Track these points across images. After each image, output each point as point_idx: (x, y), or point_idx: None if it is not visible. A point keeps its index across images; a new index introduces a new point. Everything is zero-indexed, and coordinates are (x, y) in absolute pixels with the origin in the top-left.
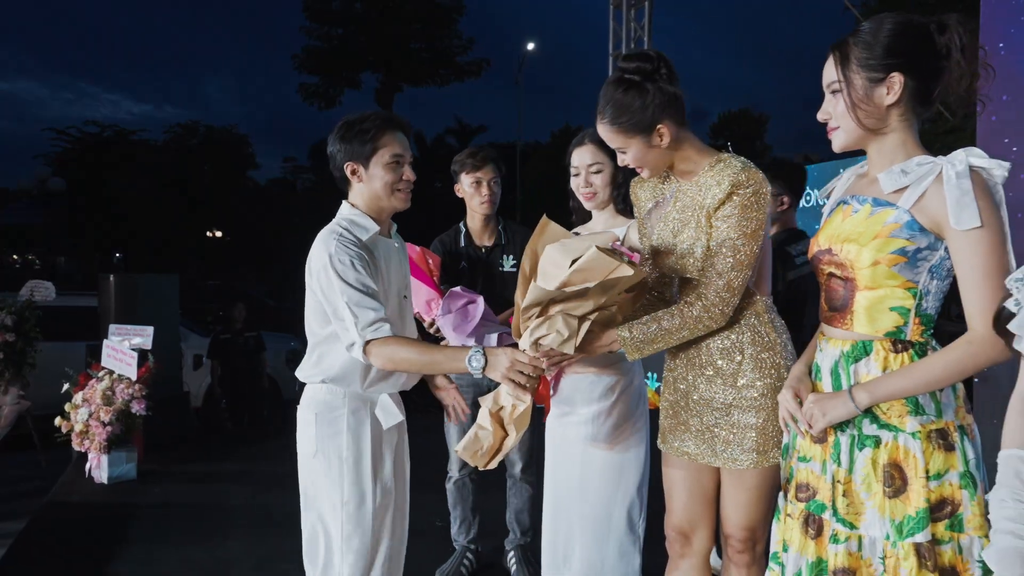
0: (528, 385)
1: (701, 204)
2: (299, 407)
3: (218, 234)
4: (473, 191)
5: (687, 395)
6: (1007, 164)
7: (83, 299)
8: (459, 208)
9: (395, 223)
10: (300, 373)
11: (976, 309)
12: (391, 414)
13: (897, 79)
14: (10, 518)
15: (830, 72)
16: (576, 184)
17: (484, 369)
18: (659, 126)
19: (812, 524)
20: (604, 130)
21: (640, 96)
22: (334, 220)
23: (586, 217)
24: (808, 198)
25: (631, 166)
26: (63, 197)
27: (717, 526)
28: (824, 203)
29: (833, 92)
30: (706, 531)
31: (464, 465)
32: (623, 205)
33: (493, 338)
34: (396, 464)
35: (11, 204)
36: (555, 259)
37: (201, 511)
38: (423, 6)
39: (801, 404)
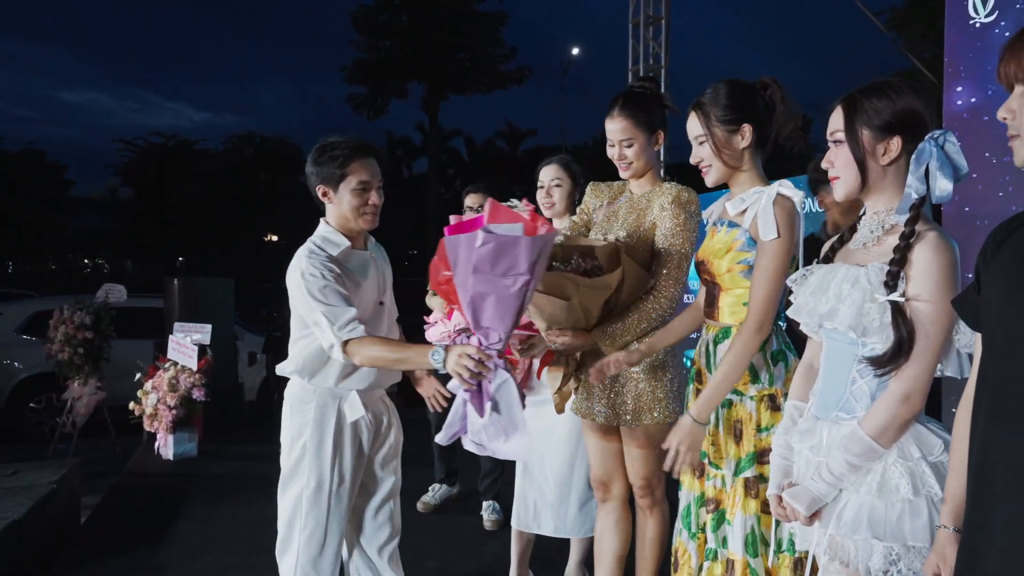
0: (470, 378)
1: (646, 209)
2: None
3: (274, 238)
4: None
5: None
6: (802, 192)
7: (150, 301)
8: None
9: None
10: (280, 369)
11: (752, 301)
12: (355, 409)
13: (747, 128)
14: (89, 493)
15: (696, 127)
16: (540, 196)
17: (444, 363)
18: (659, 132)
19: (697, 467)
20: (618, 122)
21: (648, 103)
22: (310, 238)
23: None
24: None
25: (626, 159)
26: (130, 205)
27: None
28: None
29: (701, 143)
30: (621, 480)
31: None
32: None
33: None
34: (359, 458)
35: (82, 211)
36: None
37: (250, 482)
38: (466, 18)
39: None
